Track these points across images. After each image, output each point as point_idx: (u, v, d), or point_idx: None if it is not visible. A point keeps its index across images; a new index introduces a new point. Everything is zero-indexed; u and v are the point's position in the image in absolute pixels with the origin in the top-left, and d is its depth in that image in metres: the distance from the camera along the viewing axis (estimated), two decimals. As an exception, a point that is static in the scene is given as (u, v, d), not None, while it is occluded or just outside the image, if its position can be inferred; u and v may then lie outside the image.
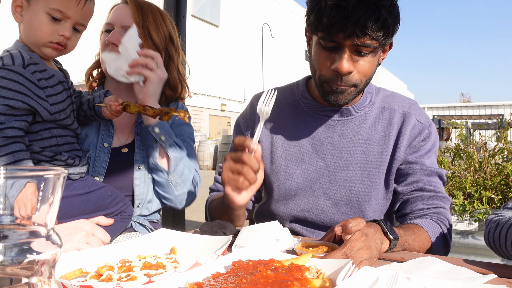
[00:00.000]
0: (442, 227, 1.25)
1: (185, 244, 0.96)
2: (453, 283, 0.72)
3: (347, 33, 1.08)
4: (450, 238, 1.28)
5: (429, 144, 1.32)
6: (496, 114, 20.88)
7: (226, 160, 1.12)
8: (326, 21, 1.10)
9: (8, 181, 0.41)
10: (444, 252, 1.27)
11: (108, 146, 1.42)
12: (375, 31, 1.09)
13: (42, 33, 1.13)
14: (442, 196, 1.30)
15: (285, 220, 1.41)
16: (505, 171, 3.06)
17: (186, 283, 0.65)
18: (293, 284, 0.63)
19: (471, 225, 2.93)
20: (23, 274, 0.41)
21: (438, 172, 1.32)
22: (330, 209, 1.33)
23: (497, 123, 12.54)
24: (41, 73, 1.13)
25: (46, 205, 0.43)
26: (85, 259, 0.85)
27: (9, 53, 1.09)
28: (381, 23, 1.09)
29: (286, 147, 1.38)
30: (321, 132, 1.35)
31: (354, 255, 0.85)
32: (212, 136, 22.45)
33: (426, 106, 28.68)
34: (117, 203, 1.21)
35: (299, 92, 1.42)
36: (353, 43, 1.11)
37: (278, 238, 1.01)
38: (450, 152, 3.61)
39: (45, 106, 1.11)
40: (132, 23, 1.41)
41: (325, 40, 1.14)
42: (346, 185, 1.31)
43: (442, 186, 1.33)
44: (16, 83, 1.06)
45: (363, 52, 1.14)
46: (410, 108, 1.35)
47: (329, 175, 1.33)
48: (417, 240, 1.14)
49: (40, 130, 1.14)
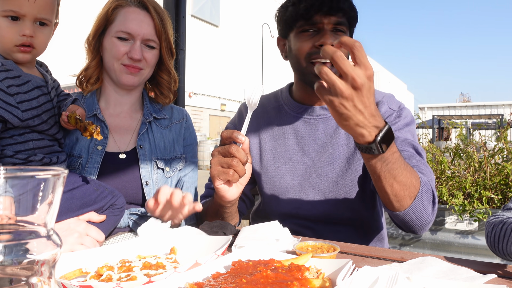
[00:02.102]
0: (428, 185, 1.13)
1: (185, 244, 0.95)
2: (453, 283, 0.72)
3: (324, 11, 1.25)
4: (435, 205, 1.15)
5: (400, 124, 1.33)
6: (495, 114, 20.89)
7: (214, 155, 1.12)
8: (304, 6, 1.27)
9: (8, 181, 0.41)
10: (431, 211, 1.13)
11: (102, 149, 1.36)
12: (347, 8, 1.27)
13: (4, 38, 1.11)
14: (420, 161, 1.23)
15: (278, 218, 1.42)
16: (504, 170, 3.06)
17: (186, 283, 0.65)
18: (293, 284, 0.63)
19: (471, 225, 2.93)
20: (23, 274, 0.41)
21: (412, 143, 1.27)
22: (319, 203, 1.39)
23: (497, 123, 12.54)
24: (13, 80, 1.11)
25: (45, 205, 0.43)
26: (85, 259, 0.85)
27: None
28: (349, 2, 1.29)
29: (273, 148, 1.46)
30: (305, 131, 1.43)
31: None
32: (212, 136, 22.46)
33: (426, 106, 28.68)
34: (105, 197, 1.16)
35: (283, 97, 1.52)
36: (330, 21, 1.27)
37: (278, 238, 1.01)
38: (450, 152, 3.61)
39: (15, 113, 1.09)
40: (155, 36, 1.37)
41: (306, 26, 1.29)
42: (332, 178, 1.37)
43: (419, 156, 1.26)
44: None
45: (339, 30, 1.29)
46: (384, 98, 1.40)
47: (315, 170, 1.39)
48: (408, 170, 1.04)
49: (14, 135, 1.12)
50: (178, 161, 1.49)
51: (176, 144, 1.50)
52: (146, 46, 1.37)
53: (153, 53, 1.40)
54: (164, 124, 1.51)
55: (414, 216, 1.09)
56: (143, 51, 1.37)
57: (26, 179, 0.42)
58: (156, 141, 1.45)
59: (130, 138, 1.44)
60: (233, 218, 1.32)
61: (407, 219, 1.10)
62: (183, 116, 1.58)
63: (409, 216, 1.09)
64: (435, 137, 14.48)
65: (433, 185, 1.18)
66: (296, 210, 1.41)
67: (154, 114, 1.49)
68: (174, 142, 1.50)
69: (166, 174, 1.44)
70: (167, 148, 1.47)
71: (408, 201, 1.06)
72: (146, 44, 1.37)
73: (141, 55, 1.35)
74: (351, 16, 1.30)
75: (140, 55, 1.35)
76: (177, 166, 1.48)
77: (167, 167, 1.44)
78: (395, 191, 1.04)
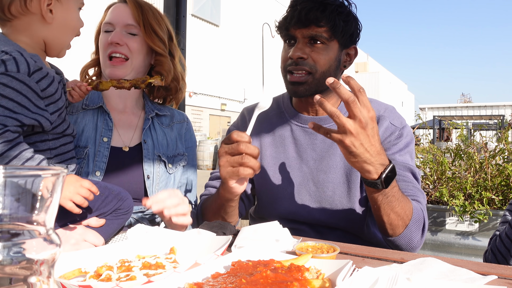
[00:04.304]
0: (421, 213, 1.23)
1: (185, 244, 0.95)
2: (454, 284, 0.71)
3: (296, 23, 1.31)
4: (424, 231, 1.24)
5: (401, 144, 1.37)
6: (496, 115, 20.88)
7: (221, 156, 1.13)
8: (284, 18, 1.36)
9: (7, 181, 0.40)
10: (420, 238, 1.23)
11: (108, 141, 1.38)
12: (319, 21, 1.29)
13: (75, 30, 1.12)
14: (416, 188, 1.30)
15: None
16: (505, 171, 3.05)
17: (185, 283, 0.65)
18: (292, 285, 0.63)
19: (472, 226, 2.92)
20: (22, 274, 0.41)
21: (411, 168, 1.34)
22: (315, 210, 1.41)
23: (498, 124, 12.53)
24: (45, 80, 1.07)
25: (45, 205, 0.43)
26: (84, 259, 0.85)
27: (11, 57, 1.00)
28: (326, 14, 1.29)
29: (273, 155, 1.48)
30: (304, 139, 1.46)
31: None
32: (212, 136, 22.46)
33: (427, 107, 28.68)
34: (109, 202, 1.12)
35: (284, 104, 1.54)
36: (303, 34, 1.32)
37: (278, 238, 1.01)
38: (451, 153, 3.60)
39: (46, 116, 1.06)
40: (133, 21, 1.42)
41: (285, 37, 1.37)
42: (328, 187, 1.40)
43: (415, 181, 1.34)
44: (19, 93, 0.99)
45: (316, 42, 1.32)
46: (385, 112, 1.42)
47: (313, 178, 1.42)
48: (404, 201, 1.16)
49: (36, 142, 1.09)
50: (181, 158, 1.52)
51: (178, 142, 1.54)
52: (128, 34, 1.42)
53: (136, 39, 1.42)
54: (166, 122, 1.54)
55: (404, 242, 1.21)
56: (125, 37, 1.40)
57: (25, 178, 0.42)
58: (159, 139, 1.48)
59: (133, 133, 1.47)
60: (235, 214, 1.35)
61: (397, 244, 1.22)
62: (184, 118, 1.63)
63: (399, 241, 1.21)
64: (436, 138, 14.48)
65: (425, 212, 1.28)
66: (292, 216, 1.43)
67: (156, 111, 1.53)
68: (176, 140, 1.53)
69: (168, 170, 1.46)
70: (169, 146, 1.50)
71: (400, 229, 1.19)
72: (128, 32, 1.41)
73: (120, 39, 1.39)
74: (332, 28, 1.30)
75: (118, 39, 1.39)
76: (180, 163, 1.51)
77: (170, 164, 1.47)
78: (390, 220, 1.16)
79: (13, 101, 0.99)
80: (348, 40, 1.37)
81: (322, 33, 1.30)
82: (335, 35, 1.32)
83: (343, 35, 1.34)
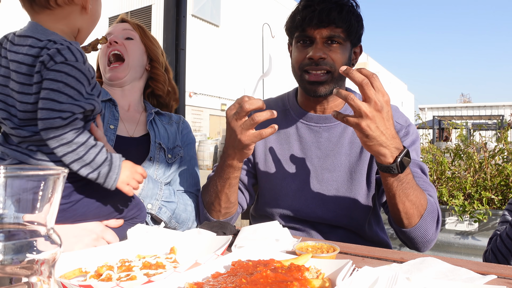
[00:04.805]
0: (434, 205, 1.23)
1: (185, 244, 0.95)
2: (453, 284, 0.72)
3: (315, 24, 1.30)
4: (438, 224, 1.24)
5: (407, 141, 1.38)
6: (496, 115, 20.88)
7: (231, 120, 1.17)
8: (299, 18, 1.34)
9: (8, 181, 0.41)
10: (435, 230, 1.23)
11: (114, 128, 1.45)
12: (337, 21, 1.30)
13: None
14: (427, 182, 1.31)
15: (276, 219, 1.47)
16: (505, 171, 3.05)
17: (185, 283, 0.65)
18: (292, 284, 0.63)
19: (471, 225, 2.93)
20: (23, 274, 0.41)
21: (419, 164, 1.35)
22: (319, 208, 1.41)
23: (497, 124, 12.53)
24: (92, 67, 1.12)
25: (46, 205, 0.43)
26: (84, 258, 0.85)
27: (65, 46, 1.03)
28: (343, 15, 1.30)
29: (278, 152, 1.49)
30: (309, 137, 1.46)
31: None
32: (212, 136, 22.45)
33: (426, 107, 28.67)
34: (132, 209, 1.17)
35: (289, 101, 1.55)
36: (322, 34, 1.32)
37: (278, 238, 1.01)
38: (450, 153, 3.60)
39: (97, 101, 1.09)
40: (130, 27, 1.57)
41: (301, 37, 1.36)
42: (333, 185, 1.41)
43: (425, 176, 1.35)
44: (78, 81, 1.03)
45: (334, 42, 1.33)
46: None
47: (317, 176, 1.43)
48: (418, 190, 1.16)
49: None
50: (179, 150, 1.60)
51: (177, 135, 1.64)
52: (125, 39, 1.54)
53: (132, 41, 1.55)
54: (165, 120, 1.65)
55: (419, 234, 1.20)
56: (122, 39, 1.53)
57: (26, 179, 0.42)
58: (161, 132, 1.58)
59: (136, 126, 1.56)
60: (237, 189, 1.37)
61: (413, 236, 1.21)
62: (180, 118, 1.73)
63: (415, 233, 1.20)
64: (436, 138, 14.48)
65: (438, 205, 1.27)
66: (295, 213, 1.43)
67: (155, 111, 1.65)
68: (176, 134, 1.64)
69: (168, 160, 1.53)
70: (170, 139, 1.59)
71: (416, 218, 1.18)
72: (125, 37, 1.54)
73: (118, 39, 1.51)
74: (347, 28, 1.32)
75: (116, 38, 1.51)
76: (179, 153, 1.59)
77: (169, 154, 1.55)
78: (406, 208, 1.15)
79: (74, 89, 1.02)
80: (357, 39, 1.40)
81: (340, 34, 1.32)
82: (350, 35, 1.34)
83: (355, 35, 1.37)
